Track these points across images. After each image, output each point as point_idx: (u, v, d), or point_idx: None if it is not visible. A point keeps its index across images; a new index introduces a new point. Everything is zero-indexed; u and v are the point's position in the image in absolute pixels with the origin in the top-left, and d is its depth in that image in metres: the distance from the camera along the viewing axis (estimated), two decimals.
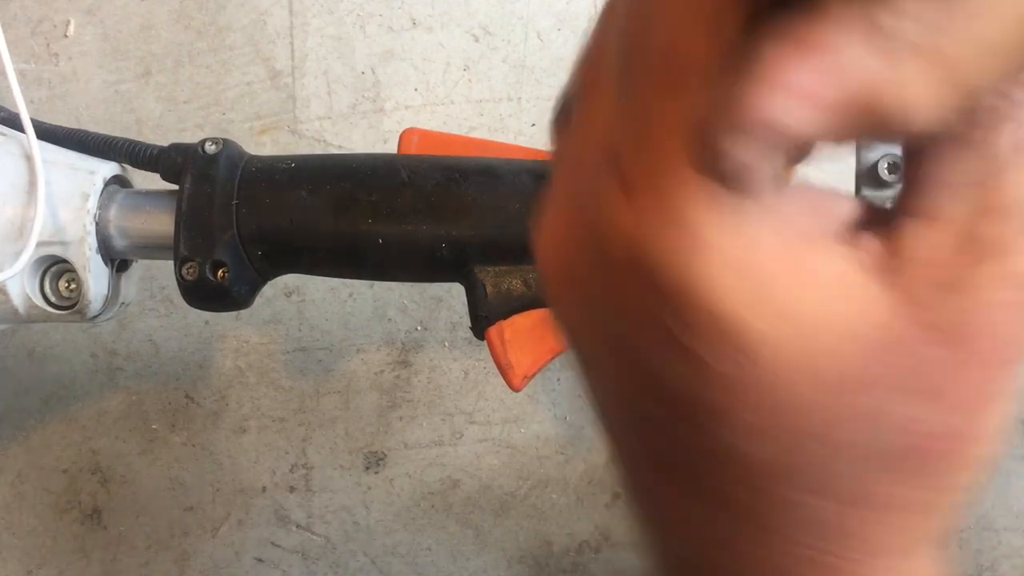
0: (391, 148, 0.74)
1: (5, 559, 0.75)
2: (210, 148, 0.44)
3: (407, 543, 0.76)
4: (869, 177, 0.43)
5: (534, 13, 0.78)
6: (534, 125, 0.77)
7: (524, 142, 0.76)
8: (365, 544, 0.75)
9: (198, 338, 0.75)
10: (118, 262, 0.48)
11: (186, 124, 0.76)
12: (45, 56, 0.76)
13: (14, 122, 0.46)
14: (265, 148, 0.75)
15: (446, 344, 0.75)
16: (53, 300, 0.46)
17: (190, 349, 0.75)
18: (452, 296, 0.75)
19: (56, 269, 0.46)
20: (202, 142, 0.45)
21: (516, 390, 0.43)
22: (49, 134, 0.47)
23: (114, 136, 0.47)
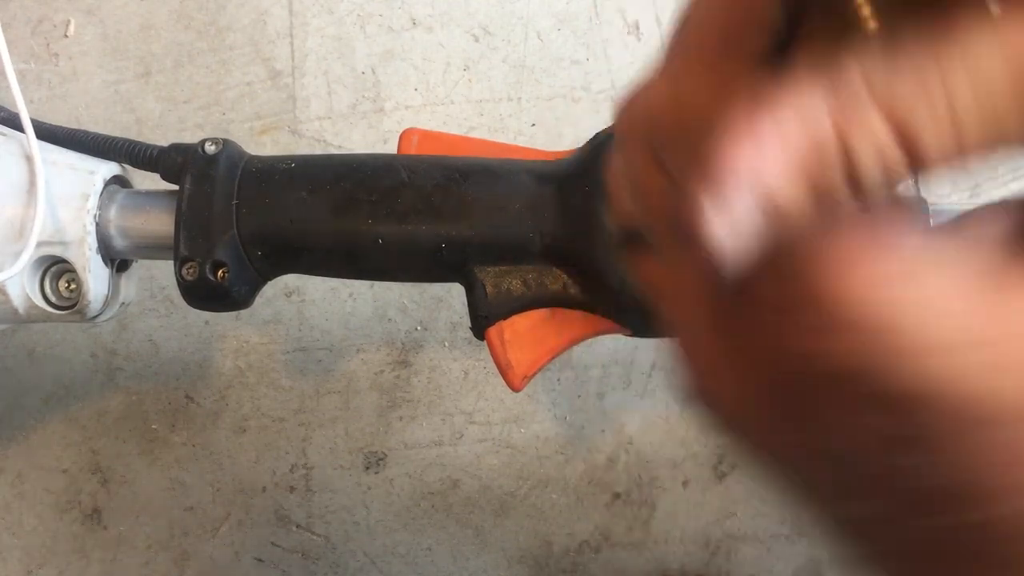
0: (391, 148, 0.74)
1: (5, 559, 0.75)
2: (210, 148, 0.44)
3: (407, 543, 0.76)
4: None
5: (534, 13, 0.78)
6: (534, 125, 0.77)
7: (524, 142, 0.76)
8: (365, 544, 0.75)
9: (198, 338, 0.75)
10: (118, 262, 0.48)
11: (186, 124, 0.76)
12: (45, 56, 0.76)
13: (14, 122, 0.46)
14: (265, 148, 0.75)
15: (446, 344, 0.75)
16: (53, 300, 0.46)
17: (190, 349, 0.75)
18: (452, 296, 0.75)
19: (56, 269, 0.46)
20: (202, 142, 0.45)
21: (516, 390, 0.43)
22: (49, 134, 0.47)
23: (114, 136, 0.47)
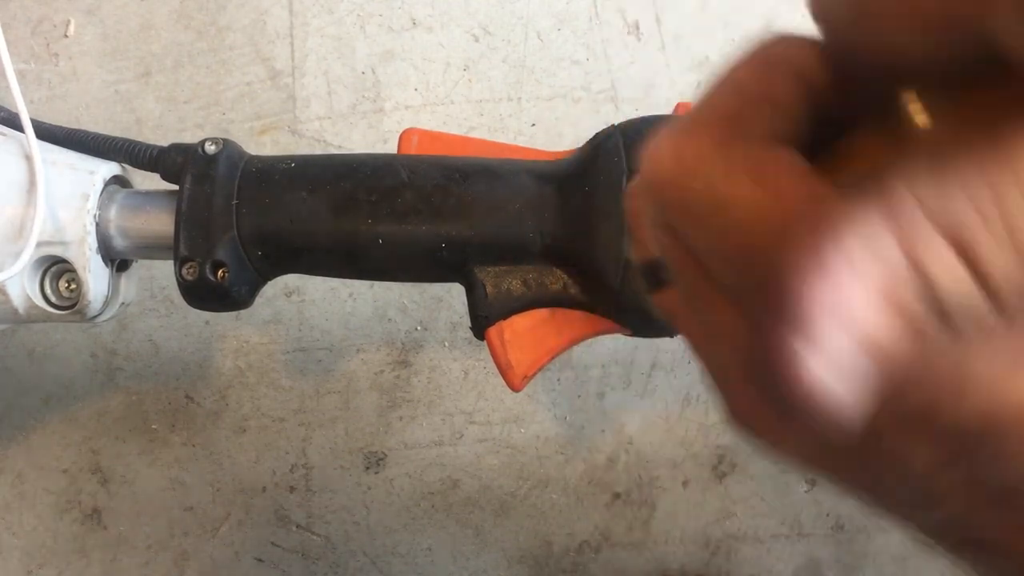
0: (391, 148, 0.74)
1: (5, 559, 0.75)
2: (210, 148, 0.44)
3: (407, 543, 0.76)
4: None
5: (534, 13, 0.78)
6: (534, 125, 0.77)
7: (524, 142, 0.76)
8: (365, 544, 0.75)
9: (198, 338, 0.75)
10: (118, 262, 0.48)
11: (186, 124, 0.76)
12: (45, 56, 0.76)
13: (14, 122, 0.46)
14: (265, 148, 0.75)
15: (446, 344, 0.75)
16: (53, 300, 0.46)
17: (190, 349, 0.75)
18: (452, 296, 0.75)
19: (56, 269, 0.46)
20: (202, 142, 0.45)
21: (516, 390, 0.43)
22: (49, 134, 0.47)
23: (114, 136, 0.47)
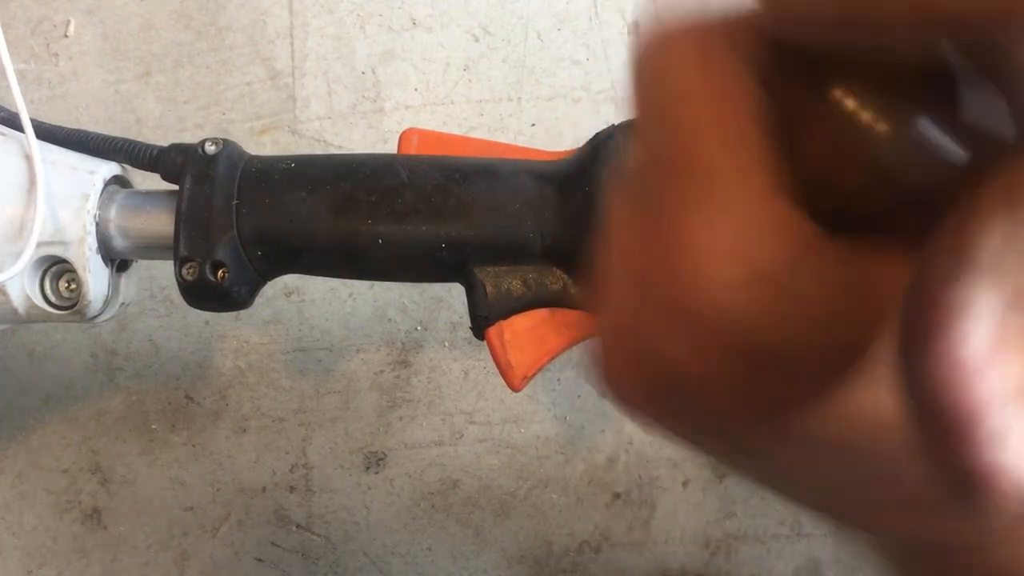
0: (391, 148, 0.74)
1: (5, 559, 0.75)
2: (210, 148, 0.44)
3: (407, 543, 0.76)
4: None
5: (534, 13, 0.78)
6: (534, 125, 0.77)
7: (524, 142, 0.76)
8: (365, 544, 0.75)
9: (198, 338, 0.75)
10: (118, 262, 0.48)
11: (186, 124, 0.76)
12: (45, 56, 0.76)
13: (14, 122, 0.46)
14: (265, 148, 0.75)
15: (446, 344, 0.75)
16: (53, 300, 0.46)
17: (190, 349, 0.75)
18: (452, 296, 0.75)
19: (56, 269, 0.46)
20: (202, 142, 0.45)
21: (516, 390, 0.43)
22: (49, 134, 0.47)
23: (114, 136, 0.47)
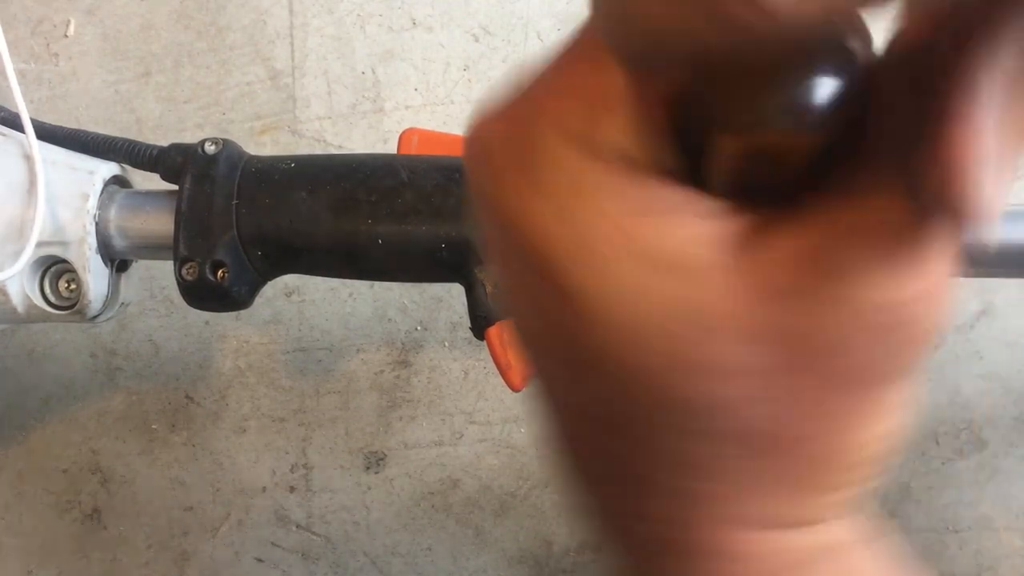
0: (391, 148, 0.74)
1: (5, 559, 0.75)
2: (210, 148, 0.44)
3: (407, 543, 0.76)
4: None
5: (534, 13, 0.78)
6: None
7: None
8: (365, 544, 0.75)
9: (198, 338, 0.75)
10: (118, 262, 0.48)
11: (186, 124, 0.76)
12: (45, 56, 0.76)
13: (14, 122, 0.46)
14: (265, 148, 0.75)
15: (446, 344, 0.75)
16: (53, 300, 0.46)
17: (190, 349, 0.75)
18: (452, 296, 0.75)
19: (56, 269, 0.46)
20: (202, 142, 0.45)
21: (516, 390, 0.43)
22: (49, 134, 0.47)
23: (114, 136, 0.47)
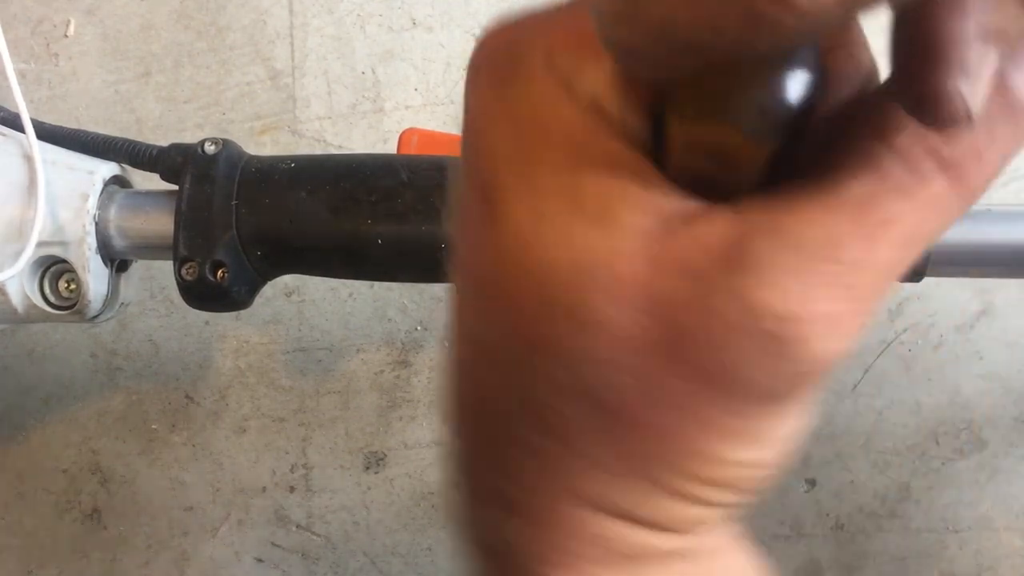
0: (391, 148, 0.74)
1: (5, 559, 0.75)
2: (210, 148, 0.44)
3: (407, 543, 0.76)
4: None
5: None
6: None
7: None
8: (365, 544, 0.75)
9: (198, 338, 0.75)
10: (118, 262, 0.48)
11: (186, 124, 0.76)
12: (45, 56, 0.76)
13: (14, 122, 0.46)
14: (265, 148, 0.75)
15: (446, 344, 0.75)
16: (53, 300, 0.46)
17: (190, 349, 0.75)
18: None
19: (56, 269, 0.46)
20: (202, 142, 0.45)
21: None
22: (49, 134, 0.47)
23: (114, 136, 0.47)
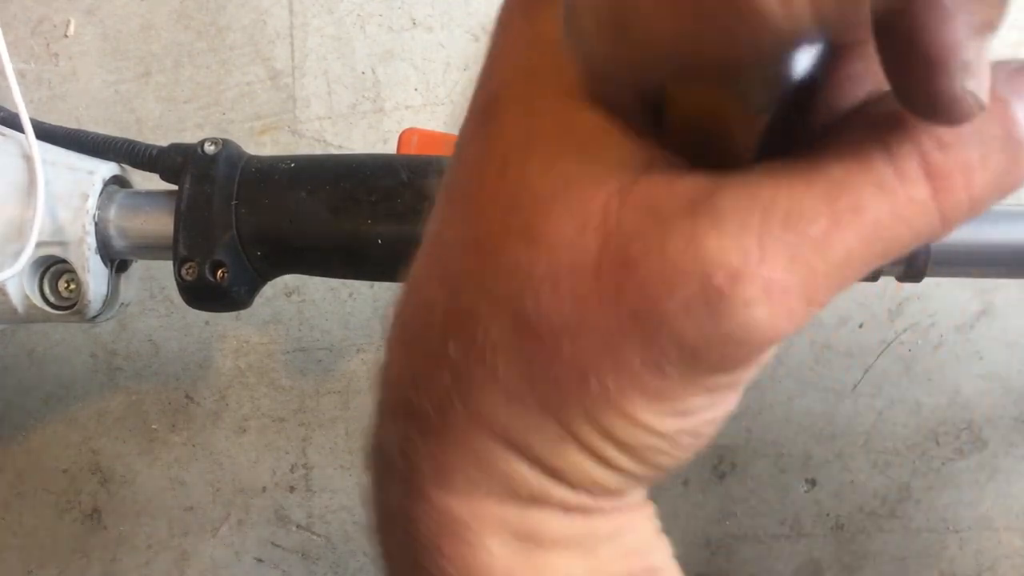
0: (391, 148, 0.74)
1: (5, 559, 0.75)
2: (210, 148, 0.44)
3: None
4: None
5: None
6: None
7: None
8: (365, 544, 0.75)
9: (198, 338, 0.75)
10: (118, 262, 0.48)
11: (186, 124, 0.76)
12: (45, 56, 0.76)
13: (14, 122, 0.46)
14: (265, 148, 0.75)
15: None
16: (52, 300, 0.46)
17: (190, 349, 0.75)
18: None
19: (55, 269, 0.46)
20: (202, 142, 0.45)
21: None
22: (49, 134, 0.47)
23: (114, 136, 0.47)
